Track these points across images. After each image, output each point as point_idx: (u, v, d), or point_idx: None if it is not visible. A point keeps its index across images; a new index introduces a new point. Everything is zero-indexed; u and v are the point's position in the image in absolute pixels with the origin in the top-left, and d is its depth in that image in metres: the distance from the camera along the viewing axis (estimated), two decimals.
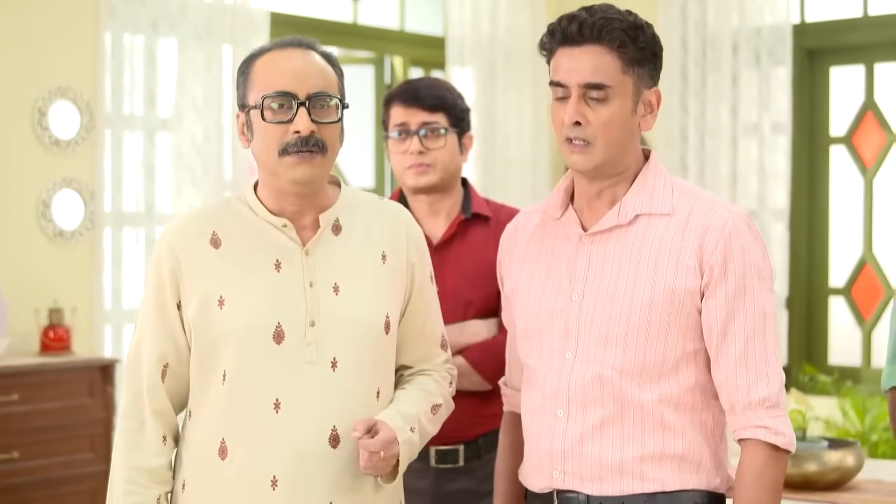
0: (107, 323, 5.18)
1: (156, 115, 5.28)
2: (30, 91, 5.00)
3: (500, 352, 2.93)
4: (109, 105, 5.17)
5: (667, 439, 2.27)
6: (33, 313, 4.90)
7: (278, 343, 2.29)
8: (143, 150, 5.26)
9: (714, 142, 6.33)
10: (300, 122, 2.27)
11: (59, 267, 5.06)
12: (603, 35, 2.26)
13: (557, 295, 2.34)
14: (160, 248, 2.36)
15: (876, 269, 6.21)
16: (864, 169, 6.23)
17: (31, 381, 4.59)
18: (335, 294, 2.33)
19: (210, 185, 5.36)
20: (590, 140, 2.28)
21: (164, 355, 2.34)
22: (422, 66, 6.66)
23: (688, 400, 2.29)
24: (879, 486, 3.56)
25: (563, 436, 2.30)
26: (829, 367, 6.30)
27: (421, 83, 3.07)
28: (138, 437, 2.34)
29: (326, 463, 2.28)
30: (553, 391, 2.32)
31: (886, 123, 6.17)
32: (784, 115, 6.18)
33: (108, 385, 4.78)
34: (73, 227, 5.10)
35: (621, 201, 2.33)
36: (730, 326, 2.26)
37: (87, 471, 4.71)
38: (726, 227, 2.27)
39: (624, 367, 2.27)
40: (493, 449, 3.00)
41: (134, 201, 5.26)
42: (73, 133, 5.10)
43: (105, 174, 5.18)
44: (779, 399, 2.27)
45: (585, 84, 2.27)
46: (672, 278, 2.26)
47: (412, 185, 3.02)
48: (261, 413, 2.28)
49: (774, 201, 6.21)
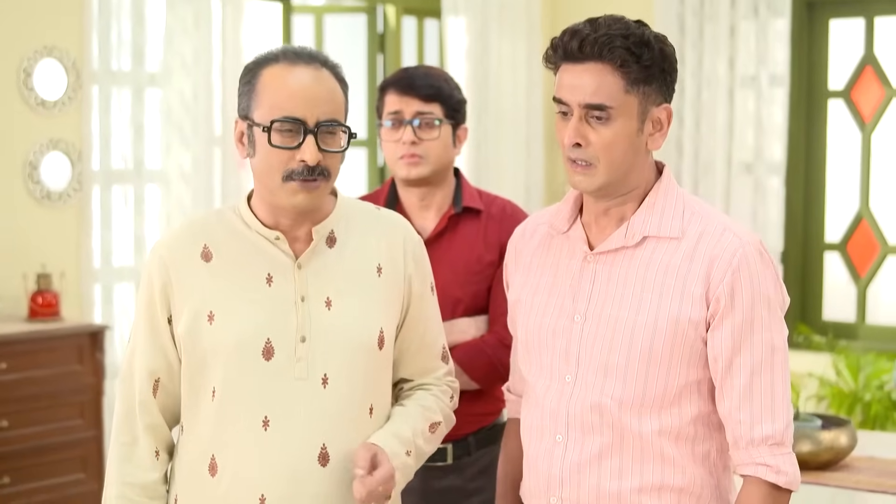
0: (96, 282, 5.14)
1: (144, 70, 5.20)
2: (14, 51, 4.91)
3: (489, 352, 2.91)
4: (97, 62, 5.09)
5: (666, 471, 2.22)
6: (21, 278, 4.86)
7: (267, 359, 2.24)
8: (131, 108, 5.18)
9: (711, 94, 6.27)
10: (308, 152, 2.20)
11: (47, 230, 5.01)
12: (604, 53, 2.14)
13: (560, 314, 2.27)
14: (151, 262, 2.31)
15: (872, 225, 6.17)
16: (863, 123, 6.17)
17: (19, 349, 4.55)
18: (327, 308, 2.28)
19: (199, 142, 5.30)
20: (591, 161, 2.18)
21: (156, 370, 2.31)
22: (415, 15, 6.56)
23: (689, 432, 2.23)
24: (872, 465, 3.55)
25: (561, 462, 2.25)
26: (823, 323, 6.28)
27: (417, 71, 2.99)
28: (131, 452, 2.31)
29: (315, 482, 2.24)
30: (552, 414, 2.27)
31: (886, 78, 6.10)
32: (782, 68, 6.11)
33: (97, 351, 4.74)
34: (60, 188, 5.04)
35: (629, 221, 2.23)
36: (735, 360, 2.17)
37: (78, 437, 4.70)
38: (735, 256, 2.17)
39: (624, 398, 2.20)
40: (482, 447, 3.00)
41: (122, 160, 5.19)
42: (59, 93, 5.02)
43: (93, 133, 5.11)
44: (784, 437, 2.18)
45: (586, 105, 2.16)
46: (677, 307, 2.18)
47: (403, 177, 2.96)
48: (249, 431, 2.24)
49: (771, 155, 6.16)
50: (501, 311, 2.92)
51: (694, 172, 6.33)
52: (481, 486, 2.99)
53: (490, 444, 3.01)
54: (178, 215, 5.26)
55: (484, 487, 2.99)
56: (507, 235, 2.94)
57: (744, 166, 6.23)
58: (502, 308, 2.91)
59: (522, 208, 3.09)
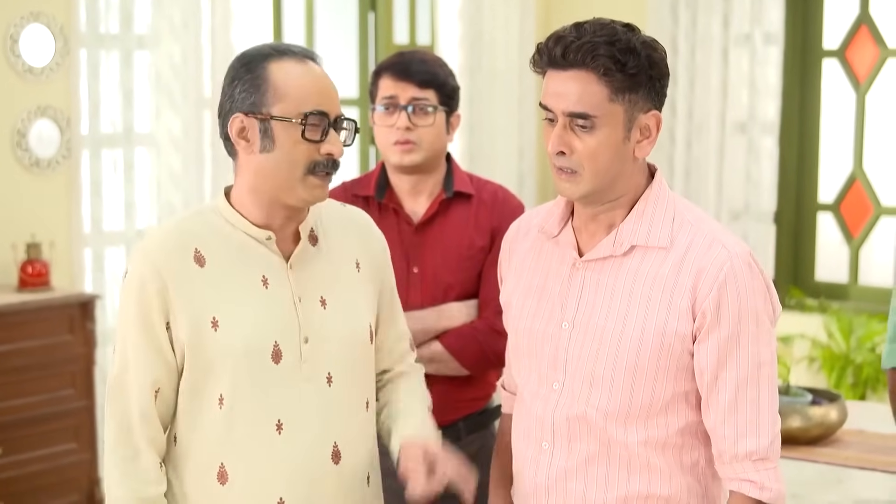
0: (86, 247, 5.11)
1: (132, 34, 5.14)
2: (0, 18, 4.85)
3: (479, 338, 2.90)
4: (84, 26, 5.03)
5: (653, 480, 2.21)
6: (10, 248, 4.83)
7: (276, 362, 2.23)
8: (119, 72, 5.14)
9: (704, 53, 6.22)
10: (335, 144, 2.22)
11: (36, 198, 4.98)
12: (588, 61, 2.09)
13: (549, 320, 2.26)
14: (141, 268, 2.23)
15: (865, 186, 6.15)
16: (857, 84, 6.12)
17: (10, 320, 4.54)
18: (323, 307, 2.28)
19: (189, 106, 5.26)
20: (576, 169, 2.15)
21: (157, 380, 2.24)
22: None
23: (676, 442, 2.22)
24: (862, 440, 3.56)
25: (547, 469, 2.25)
26: (815, 284, 6.28)
27: (414, 57, 2.96)
28: (134, 467, 2.24)
29: (330, 480, 2.27)
30: (538, 421, 2.26)
31: (881, 38, 6.04)
32: (776, 27, 6.06)
33: (88, 321, 4.74)
34: (49, 156, 5.00)
35: (618, 229, 2.20)
36: (721, 374, 2.15)
37: (70, 407, 4.70)
38: (722, 269, 2.13)
39: (609, 410, 2.19)
40: (472, 432, 3.00)
41: (111, 125, 5.16)
42: (47, 59, 4.97)
43: (81, 99, 5.07)
44: (769, 452, 2.17)
45: (570, 113, 2.12)
46: (663, 320, 2.15)
47: (396, 163, 2.94)
48: (263, 436, 2.23)
49: (765, 114, 6.13)
50: (492, 297, 2.90)
51: (687, 132, 6.30)
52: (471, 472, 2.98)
53: (480, 429, 3.02)
54: (168, 180, 5.23)
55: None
56: (498, 220, 2.94)
57: (737, 126, 6.19)
58: (493, 293, 2.90)
59: (515, 193, 3.08)
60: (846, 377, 5.78)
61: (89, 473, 4.75)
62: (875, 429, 3.66)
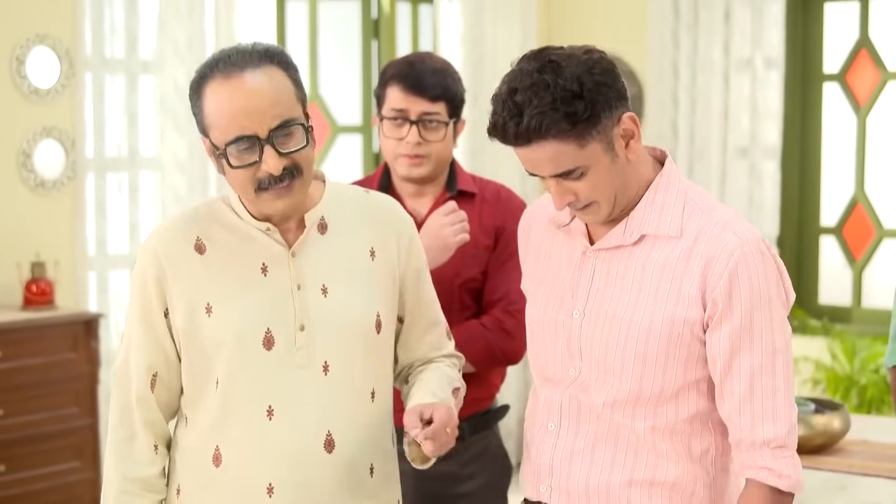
0: (91, 270, 5.13)
1: (137, 57, 5.18)
2: (7, 39, 4.90)
3: (488, 335, 2.89)
4: (90, 49, 5.07)
5: (659, 466, 2.20)
6: (15, 267, 4.85)
7: (268, 349, 2.25)
8: (125, 95, 5.17)
9: (706, 78, 6.24)
10: (270, 163, 2.17)
11: (41, 218, 5.00)
12: (542, 133, 2.05)
13: (560, 308, 2.27)
14: (143, 255, 2.30)
15: (867, 209, 6.16)
16: (858, 107, 6.15)
17: (14, 337, 4.56)
18: (324, 296, 2.28)
19: (194, 129, 5.26)
20: (588, 203, 2.16)
21: (153, 365, 2.31)
22: (409, 0, 6.53)
23: (684, 429, 2.20)
24: (866, 449, 3.55)
25: (552, 451, 2.26)
26: (819, 307, 6.28)
27: (424, 67, 2.89)
28: (130, 448, 2.32)
29: (322, 469, 2.26)
30: (547, 404, 2.28)
31: (881, 61, 6.07)
32: (777, 51, 6.09)
33: (92, 339, 4.75)
34: (55, 177, 5.03)
35: (628, 218, 2.20)
36: (734, 362, 2.13)
37: (73, 425, 4.71)
38: (733, 256, 2.11)
39: (618, 398, 2.19)
40: (475, 432, 2.99)
41: (116, 148, 5.18)
42: (52, 81, 5.02)
43: (87, 121, 5.10)
44: (787, 439, 2.15)
45: (554, 175, 2.13)
46: (672, 308, 2.14)
47: (404, 175, 2.93)
48: (254, 421, 2.25)
49: (766, 138, 6.14)
50: (499, 296, 2.91)
51: (689, 157, 6.32)
52: (475, 472, 2.99)
53: (483, 429, 3.01)
54: (173, 202, 5.25)
55: (477, 473, 3.00)
56: (501, 219, 2.95)
57: (739, 150, 6.21)
58: (500, 292, 2.91)
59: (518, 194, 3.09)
60: (851, 399, 5.77)
61: (92, 492, 4.74)
62: (879, 439, 3.65)
